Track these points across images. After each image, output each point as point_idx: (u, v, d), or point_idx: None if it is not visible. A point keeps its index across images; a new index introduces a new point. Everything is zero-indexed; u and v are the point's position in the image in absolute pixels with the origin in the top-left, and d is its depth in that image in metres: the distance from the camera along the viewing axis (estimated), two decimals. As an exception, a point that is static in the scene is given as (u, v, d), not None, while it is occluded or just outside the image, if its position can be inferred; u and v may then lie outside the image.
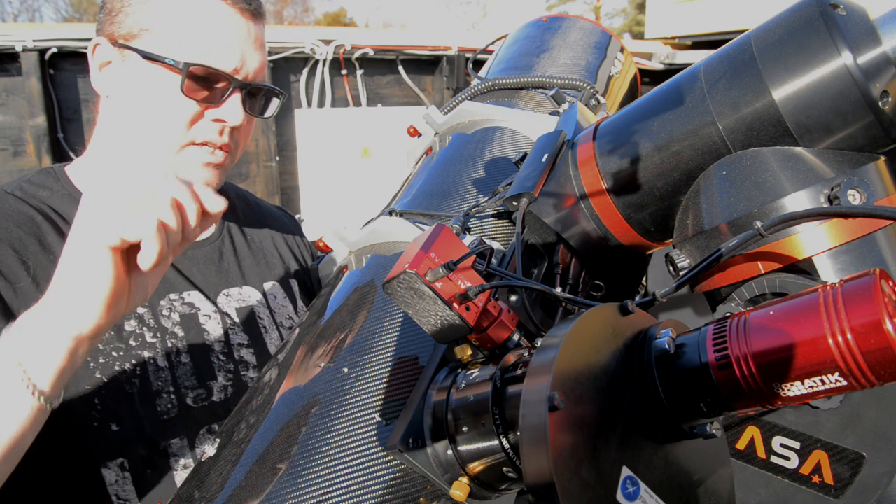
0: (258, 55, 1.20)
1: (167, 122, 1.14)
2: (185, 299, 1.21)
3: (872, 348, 0.45)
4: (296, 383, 0.89)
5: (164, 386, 1.13)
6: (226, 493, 0.79)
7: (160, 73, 1.12)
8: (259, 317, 1.31)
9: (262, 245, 1.42)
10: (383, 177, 4.48)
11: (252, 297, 1.32)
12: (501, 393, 0.63)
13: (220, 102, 1.15)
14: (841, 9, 0.72)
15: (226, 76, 1.14)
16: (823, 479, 0.69)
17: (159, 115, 1.14)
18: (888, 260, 0.71)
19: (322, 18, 29.09)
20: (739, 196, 0.75)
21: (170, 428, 1.11)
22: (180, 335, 1.17)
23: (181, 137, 1.15)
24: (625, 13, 27.97)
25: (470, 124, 1.30)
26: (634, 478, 0.53)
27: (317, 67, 4.52)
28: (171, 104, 1.13)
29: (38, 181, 1.19)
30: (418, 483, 0.72)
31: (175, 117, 1.14)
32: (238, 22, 1.16)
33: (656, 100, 0.88)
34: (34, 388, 0.78)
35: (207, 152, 1.18)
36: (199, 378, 1.17)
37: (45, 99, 3.84)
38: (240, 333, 1.26)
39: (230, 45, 1.14)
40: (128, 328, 1.13)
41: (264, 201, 1.59)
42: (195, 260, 1.28)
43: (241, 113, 1.17)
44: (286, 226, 1.54)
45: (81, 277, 0.77)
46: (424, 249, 0.65)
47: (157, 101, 1.13)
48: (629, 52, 1.64)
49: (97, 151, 1.24)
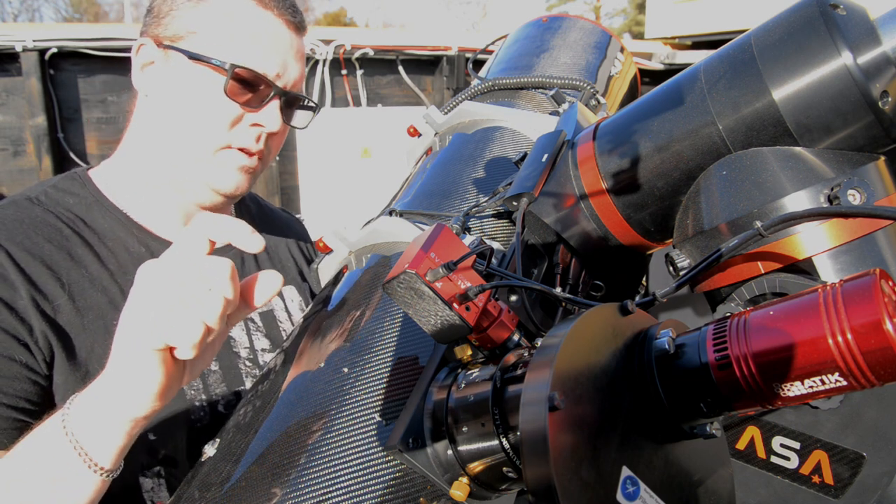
0: (298, 66, 1.22)
1: (208, 123, 1.15)
2: None
3: (872, 348, 0.45)
4: (296, 383, 0.89)
5: (196, 395, 1.14)
6: (226, 493, 0.79)
7: (205, 74, 1.14)
8: (279, 321, 1.33)
9: (277, 249, 1.45)
10: (383, 177, 4.48)
11: (273, 301, 1.33)
12: (501, 393, 0.63)
13: (259, 108, 1.17)
14: (841, 9, 0.72)
15: (268, 82, 1.16)
16: (823, 479, 0.69)
17: (201, 115, 1.15)
18: (888, 260, 0.71)
19: (322, 18, 29.10)
20: (739, 196, 0.75)
21: (203, 435, 1.11)
22: None
23: (220, 139, 1.16)
24: (625, 13, 27.98)
25: (470, 124, 1.30)
26: (634, 478, 0.53)
27: (317, 67, 4.52)
28: (214, 104, 1.14)
29: (64, 187, 1.19)
30: (418, 483, 0.72)
31: (216, 118, 1.15)
32: (283, 31, 1.18)
33: (656, 100, 0.88)
34: (96, 466, 0.81)
35: (243, 157, 1.19)
36: (228, 385, 1.18)
37: (45, 99, 3.84)
38: (262, 339, 1.27)
39: (274, 52, 1.17)
40: None
41: (274, 206, 1.62)
42: None
43: (279, 120, 1.19)
44: (296, 230, 1.57)
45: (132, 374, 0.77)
46: (424, 249, 0.65)
47: (199, 101, 1.15)
48: (629, 52, 1.64)
49: (128, 153, 1.24)
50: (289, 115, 1.25)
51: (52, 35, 3.84)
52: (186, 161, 1.19)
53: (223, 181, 1.20)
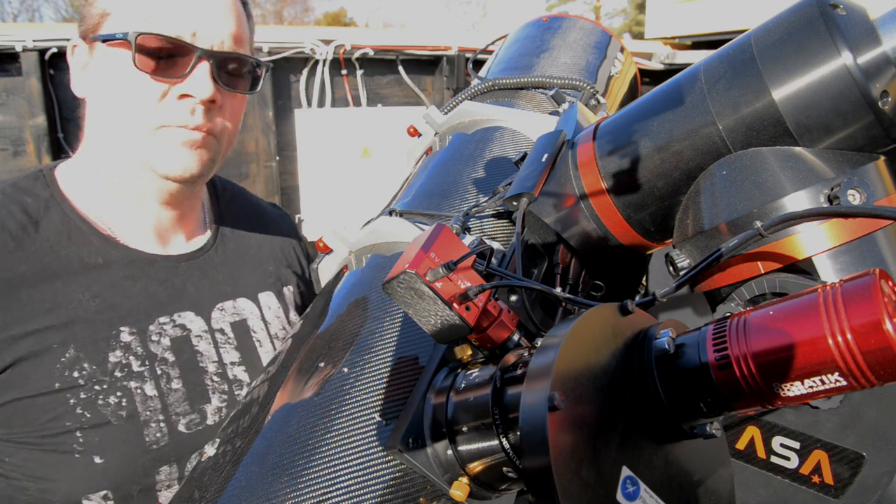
0: (227, 23, 1.09)
1: (132, 104, 1.06)
2: (177, 321, 1.15)
3: (872, 348, 0.45)
4: (296, 383, 0.89)
5: (152, 415, 1.06)
6: (226, 494, 0.79)
7: (117, 54, 1.05)
8: (253, 330, 1.25)
9: (258, 250, 1.36)
10: (383, 177, 4.47)
11: (246, 310, 1.26)
12: (501, 393, 0.63)
13: (184, 77, 1.06)
14: (841, 9, 0.72)
15: (183, 44, 1.04)
16: (823, 479, 0.69)
17: (123, 99, 1.07)
18: (888, 260, 0.71)
19: (322, 18, 29.10)
20: (739, 196, 0.75)
21: (159, 457, 1.06)
22: (171, 360, 1.11)
23: (151, 118, 1.07)
24: (625, 13, 27.98)
25: (470, 124, 1.30)
26: (634, 478, 0.53)
27: (317, 67, 4.52)
28: (132, 84, 1.05)
29: (25, 186, 1.12)
30: (418, 483, 0.72)
31: (138, 97, 1.05)
32: None
33: (656, 100, 0.88)
34: None
35: (184, 132, 1.08)
36: (191, 403, 1.11)
37: (45, 99, 3.83)
38: (232, 351, 1.20)
39: (187, 12, 1.05)
40: (112, 359, 1.06)
41: (261, 200, 1.53)
42: (189, 274, 1.21)
43: (210, 85, 1.06)
44: (283, 227, 1.48)
45: None
46: (424, 249, 0.65)
47: (118, 84, 1.07)
48: (629, 52, 1.64)
49: (85, 154, 1.18)
50: (232, 81, 1.12)
51: (52, 35, 3.83)
52: (126, 148, 1.10)
53: (167, 162, 1.09)
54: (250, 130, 4.40)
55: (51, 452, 0.99)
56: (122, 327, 1.08)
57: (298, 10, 30.29)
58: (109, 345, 1.06)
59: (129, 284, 1.12)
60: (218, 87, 1.09)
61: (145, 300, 1.13)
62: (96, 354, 1.04)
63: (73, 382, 1.01)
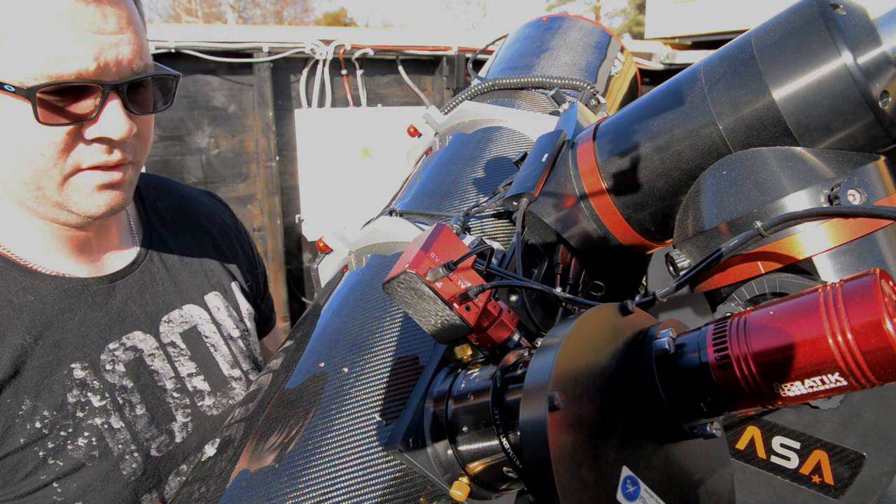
0: (127, 42, 0.92)
1: (35, 161, 0.92)
2: (127, 344, 1.07)
3: (872, 348, 0.45)
4: (296, 383, 0.89)
5: (125, 448, 1.01)
6: (226, 494, 0.79)
7: (7, 104, 0.89)
8: (205, 335, 1.18)
9: (196, 249, 1.25)
10: (383, 177, 4.48)
11: (195, 316, 1.19)
12: (502, 393, 0.63)
13: (95, 118, 0.92)
14: (841, 9, 0.72)
15: (90, 83, 0.90)
16: (823, 479, 0.69)
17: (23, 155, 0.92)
18: (888, 260, 0.71)
19: (322, 18, 29.09)
20: (739, 196, 0.75)
21: (139, 487, 1.02)
22: (129, 387, 1.05)
23: (60, 170, 0.93)
24: (625, 13, 27.97)
25: (470, 124, 1.30)
26: (634, 478, 0.53)
27: (317, 67, 4.52)
28: (32, 138, 0.90)
29: None
30: (418, 483, 0.72)
31: (42, 152, 0.91)
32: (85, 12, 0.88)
33: (656, 100, 0.88)
34: None
35: (100, 175, 0.96)
36: (157, 425, 1.06)
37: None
38: (188, 363, 1.14)
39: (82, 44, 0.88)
40: (71, 399, 0.98)
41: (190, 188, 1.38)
42: (127, 291, 1.11)
43: (125, 122, 0.93)
44: (218, 216, 1.35)
45: None
46: (424, 249, 0.65)
47: (14, 139, 0.91)
48: (629, 52, 1.64)
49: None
50: (141, 101, 0.98)
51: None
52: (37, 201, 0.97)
53: (87, 205, 0.98)
54: (250, 130, 4.40)
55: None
56: (72, 364, 1.00)
57: (298, 10, 30.27)
58: (64, 385, 0.99)
59: (69, 316, 1.03)
60: (132, 118, 0.96)
61: (89, 329, 1.04)
62: (52, 399, 0.97)
63: (38, 434, 0.95)
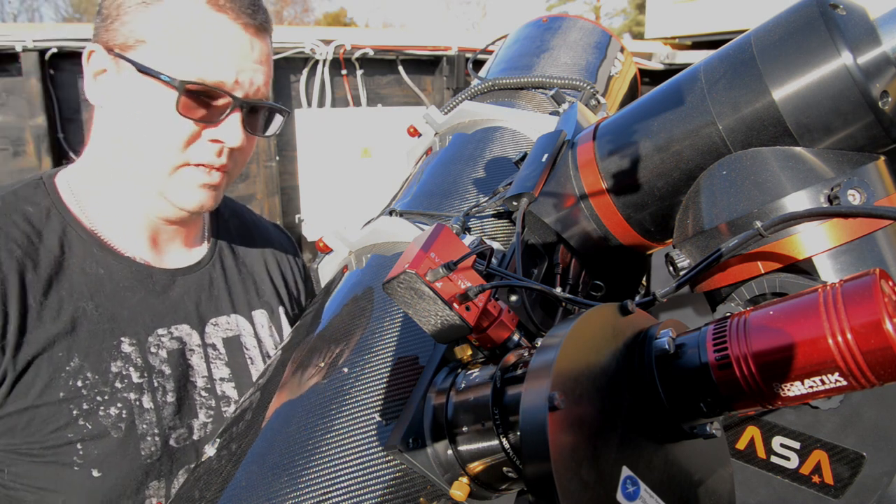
0: (261, 72, 1.14)
1: (162, 142, 1.08)
2: (174, 333, 1.16)
3: (872, 348, 0.45)
4: (296, 383, 0.89)
5: (149, 429, 1.07)
6: (226, 494, 0.79)
7: (155, 89, 1.06)
8: (246, 347, 1.26)
9: (252, 269, 1.37)
10: (383, 177, 4.48)
11: (240, 326, 1.27)
12: (501, 393, 0.63)
13: (218, 122, 1.10)
14: (841, 9, 0.72)
15: (225, 94, 1.09)
16: (823, 479, 0.69)
17: (154, 134, 1.08)
18: (888, 260, 0.71)
19: (322, 18, 29.11)
20: (739, 196, 0.75)
21: (151, 471, 1.06)
22: (167, 373, 1.12)
23: (176, 158, 1.10)
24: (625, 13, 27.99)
25: (470, 124, 1.30)
26: (634, 478, 0.53)
27: (317, 67, 4.52)
28: (167, 123, 1.07)
29: (25, 195, 1.12)
30: (418, 483, 0.72)
31: (170, 137, 1.08)
32: (240, 36, 1.09)
33: (656, 100, 0.88)
34: None
35: (203, 173, 1.13)
36: (181, 417, 1.12)
37: (45, 99, 3.84)
38: (223, 367, 1.21)
39: (230, 60, 1.08)
40: (114, 369, 1.06)
41: (262, 219, 1.54)
42: (186, 287, 1.22)
43: (241, 133, 1.11)
44: (281, 248, 1.48)
45: None
46: (424, 249, 0.65)
47: (151, 119, 1.08)
48: (629, 52, 1.64)
49: (90, 162, 1.19)
50: (253, 123, 1.17)
51: (52, 35, 3.83)
52: (143, 177, 1.13)
53: (184, 199, 1.14)
54: (250, 130, 4.39)
55: (51, 464, 0.99)
56: (122, 337, 1.09)
57: (298, 10, 30.29)
58: (111, 354, 1.07)
59: (129, 295, 1.13)
60: (245, 133, 1.13)
61: (144, 311, 1.13)
62: (99, 364, 1.05)
63: (77, 392, 1.01)
